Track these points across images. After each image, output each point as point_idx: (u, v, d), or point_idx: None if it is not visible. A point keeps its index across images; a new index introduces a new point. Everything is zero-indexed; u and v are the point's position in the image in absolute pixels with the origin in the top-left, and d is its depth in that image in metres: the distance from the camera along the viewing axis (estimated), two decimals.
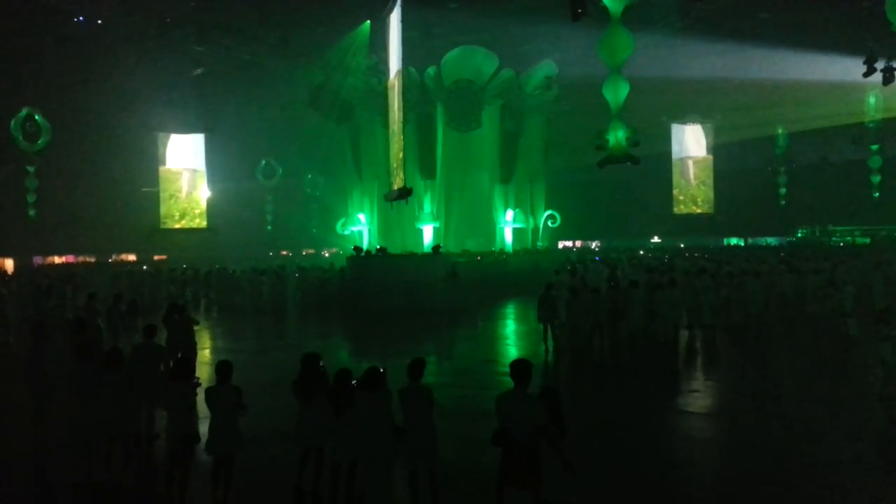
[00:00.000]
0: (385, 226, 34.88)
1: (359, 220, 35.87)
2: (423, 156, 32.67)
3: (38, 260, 36.87)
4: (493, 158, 34.80)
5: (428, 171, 33.18)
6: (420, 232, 33.26)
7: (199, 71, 36.43)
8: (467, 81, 32.51)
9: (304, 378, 6.61)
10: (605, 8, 15.17)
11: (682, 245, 41.84)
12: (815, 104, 36.23)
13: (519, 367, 5.75)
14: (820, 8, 27.80)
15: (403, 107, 26.63)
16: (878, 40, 24.03)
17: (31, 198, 35.69)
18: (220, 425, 6.35)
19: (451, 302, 21.68)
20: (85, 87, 34.27)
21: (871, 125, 39.11)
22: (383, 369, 6.22)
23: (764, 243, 42.72)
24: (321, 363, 6.88)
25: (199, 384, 7.06)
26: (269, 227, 46.30)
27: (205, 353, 14.14)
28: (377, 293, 22.01)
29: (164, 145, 43.08)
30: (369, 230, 35.78)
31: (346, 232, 36.86)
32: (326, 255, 43.04)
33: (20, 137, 34.50)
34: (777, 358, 13.65)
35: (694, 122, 45.91)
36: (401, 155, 26.50)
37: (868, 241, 38.12)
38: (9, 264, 34.34)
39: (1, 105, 33.86)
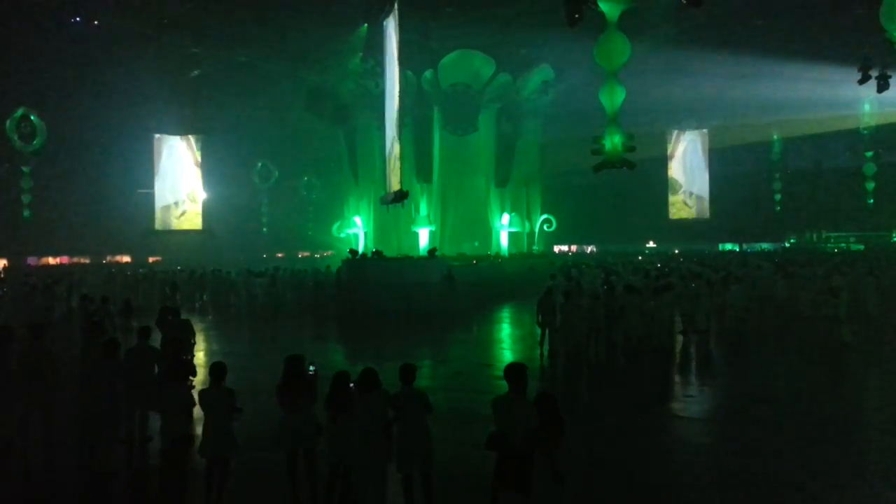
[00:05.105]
0: (381, 229, 34.85)
1: (355, 222, 35.85)
2: (419, 159, 32.67)
3: (32, 261, 36.73)
4: (489, 162, 34.82)
5: (424, 174, 33.19)
6: (416, 235, 33.24)
7: (195, 73, 36.41)
8: (464, 85, 32.56)
9: (288, 380, 6.56)
10: (601, 13, 15.22)
11: (676, 250, 41.91)
12: (810, 111, 36.41)
13: (513, 370, 5.76)
14: (815, 15, 27.98)
15: (400, 110, 26.64)
16: (873, 48, 24.16)
17: (26, 198, 35.54)
18: (213, 428, 6.32)
19: (446, 305, 21.69)
20: (81, 87, 34.25)
21: (865, 132, 39.35)
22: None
23: (759, 249, 42.85)
24: (312, 367, 6.82)
25: (192, 386, 7.05)
26: (264, 230, 46.22)
27: (199, 356, 14.09)
28: (373, 296, 21.97)
29: (160, 146, 42.99)
30: (365, 233, 35.75)
31: (342, 235, 36.84)
32: (318, 256, 42.96)
33: (15, 138, 34.36)
34: (772, 363, 13.67)
35: (690, 127, 46.05)
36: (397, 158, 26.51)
37: (862, 247, 38.29)
38: (2, 265, 34.19)
39: None
